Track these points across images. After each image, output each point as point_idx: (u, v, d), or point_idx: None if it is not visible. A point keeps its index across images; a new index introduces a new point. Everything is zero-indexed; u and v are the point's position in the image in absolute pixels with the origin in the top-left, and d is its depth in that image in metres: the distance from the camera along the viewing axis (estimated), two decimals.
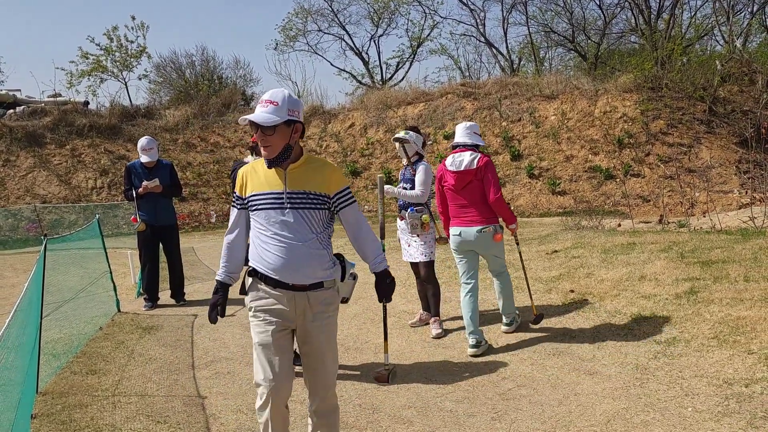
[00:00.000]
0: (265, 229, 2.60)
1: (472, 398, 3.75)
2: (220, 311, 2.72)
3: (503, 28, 28.86)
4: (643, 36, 21.93)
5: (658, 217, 10.76)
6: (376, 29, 28.62)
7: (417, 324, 5.27)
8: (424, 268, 5.02)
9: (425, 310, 5.28)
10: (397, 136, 5.01)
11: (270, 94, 2.56)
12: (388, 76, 29.14)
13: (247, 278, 2.70)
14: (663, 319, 4.60)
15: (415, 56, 29.05)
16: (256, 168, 2.68)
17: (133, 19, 28.43)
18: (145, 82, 35.71)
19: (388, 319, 4.39)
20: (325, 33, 28.67)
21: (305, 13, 27.95)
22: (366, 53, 29.18)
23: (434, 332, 4.98)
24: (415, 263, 5.13)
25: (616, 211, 13.44)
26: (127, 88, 30.02)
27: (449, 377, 4.11)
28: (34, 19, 59.73)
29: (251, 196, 2.65)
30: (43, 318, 4.20)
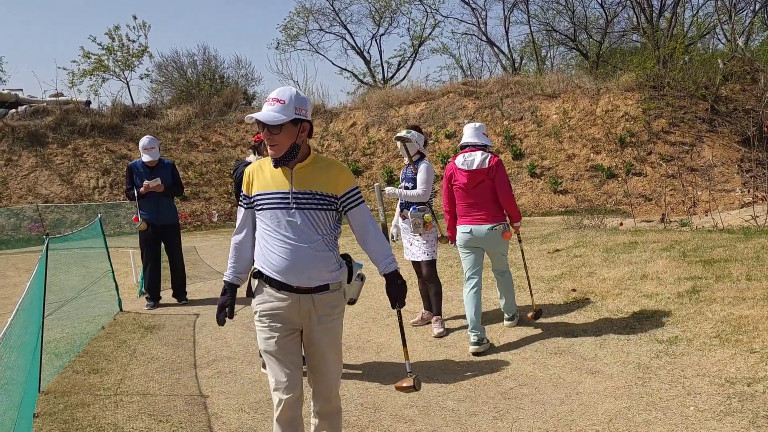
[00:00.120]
0: (271, 229, 2.55)
1: (473, 397, 3.75)
2: (229, 313, 2.66)
3: (505, 27, 28.88)
4: (644, 35, 21.86)
5: (660, 216, 10.73)
6: (378, 28, 28.68)
7: (419, 323, 5.27)
8: (426, 267, 5.02)
9: (427, 309, 5.28)
10: (399, 134, 5.02)
11: (277, 92, 2.51)
12: (390, 75, 29.21)
13: (253, 280, 2.64)
14: (665, 318, 4.59)
15: (417, 55, 29.13)
16: (263, 167, 2.63)
17: (135, 18, 28.37)
18: (147, 82, 35.88)
19: (389, 318, 4.39)
20: (327, 32, 28.73)
21: (307, 12, 28.02)
22: (367, 52, 29.24)
23: (436, 331, 4.97)
24: (417, 262, 5.13)
25: (617, 210, 13.40)
26: (128, 87, 29.98)
27: (451, 376, 4.11)
28: (35, 19, 59.86)
29: (257, 196, 2.60)
30: (46, 317, 4.21)
